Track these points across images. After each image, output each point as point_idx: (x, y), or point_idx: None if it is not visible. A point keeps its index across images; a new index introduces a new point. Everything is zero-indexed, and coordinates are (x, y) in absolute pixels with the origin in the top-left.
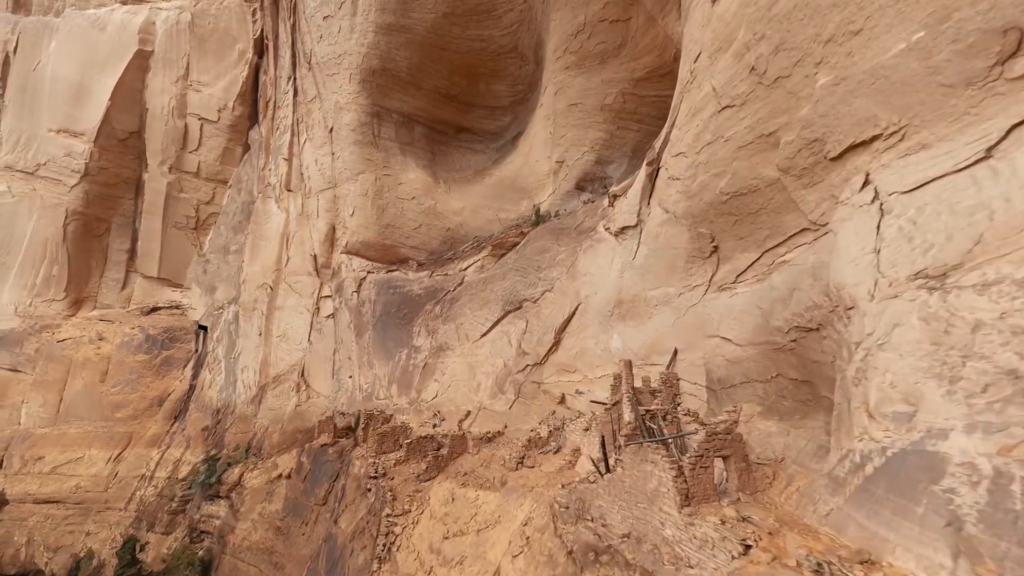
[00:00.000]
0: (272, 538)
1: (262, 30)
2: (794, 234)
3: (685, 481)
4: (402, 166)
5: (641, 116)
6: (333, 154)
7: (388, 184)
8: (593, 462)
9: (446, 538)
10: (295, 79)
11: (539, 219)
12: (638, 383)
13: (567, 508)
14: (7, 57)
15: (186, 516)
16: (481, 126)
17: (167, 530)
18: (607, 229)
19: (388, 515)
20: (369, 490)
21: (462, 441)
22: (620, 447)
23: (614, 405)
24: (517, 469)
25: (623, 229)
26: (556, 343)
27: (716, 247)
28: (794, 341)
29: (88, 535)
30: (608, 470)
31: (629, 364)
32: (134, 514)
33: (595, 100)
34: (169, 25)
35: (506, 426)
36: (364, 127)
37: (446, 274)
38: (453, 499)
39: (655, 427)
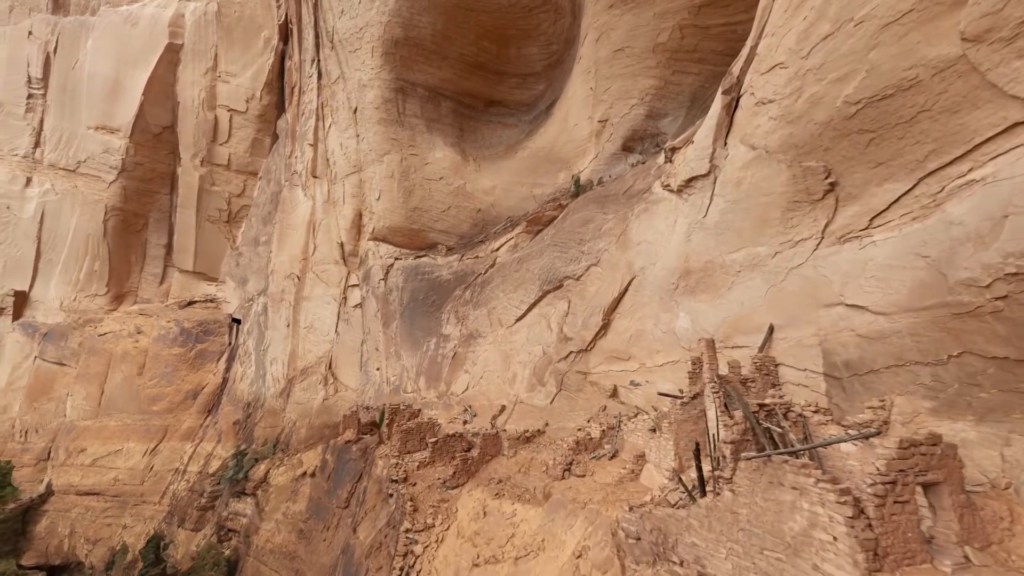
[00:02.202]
0: (295, 542)
1: (286, 14)
2: (992, 137)
3: (870, 526)
4: (429, 144)
5: (703, 54)
6: (358, 136)
7: (414, 164)
8: (677, 477)
9: (476, 565)
10: (319, 61)
11: (579, 189)
12: (723, 369)
13: (638, 540)
14: (48, 57)
15: (215, 513)
16: (512, 97)
17: (196, 527)
18: (666, 187)
19: (407, 530)
20: (391, 495)
21: (495, 441)
22: (723, 458)
23: (693, 399)
24: (563, 478)
25: (689, 181)
26: (605, 326)
27: (833, 184)
28: (1003, 299)
29: (125, 528)
30: (703, 491)
31: (711, 344)
32: (167, 509)
33: (645, 41)
34: (197, 16)
35: (547, 423)
36: (388, 104)
37: (477, 256)
38: (485, 513)
39: (779, 430)
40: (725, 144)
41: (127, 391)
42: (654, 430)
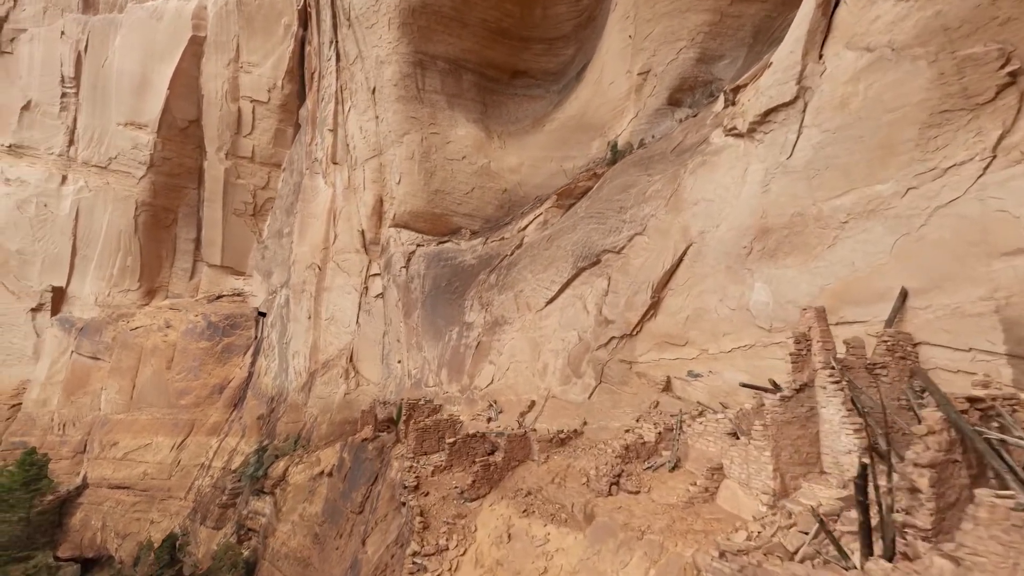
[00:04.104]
0: (309, 546)
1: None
2: None
3: None
4: (450, 122)
5: None
6: (377, 117)
7: (436, 144)
8: (818, 519)
9: None
10: (336, 42)
11: (616, 155)
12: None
13: None
14: (79, 56)
15: (236, 511)
16: (539, 65)
17: (217, 524)
18: (731, 131)
19: (415, 553)
20: (404, 503)
21: (523, 443)
22: (913, 493)
23: (799, 391)
24: (610, 493)
25: (765, 116)
26: (654, 305)
27: (1015, 73)
28: None
29: (152, 523)
30: (868, 546)
31: (822, 315)
32: (192, 505)
33: None
34: (219, 7)
35: (585, 422)
36: (407, 80)
37: (502, 238)
38: (510, 536)
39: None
40: (820, 57)
41: (156, 385)
42: (734, 434)
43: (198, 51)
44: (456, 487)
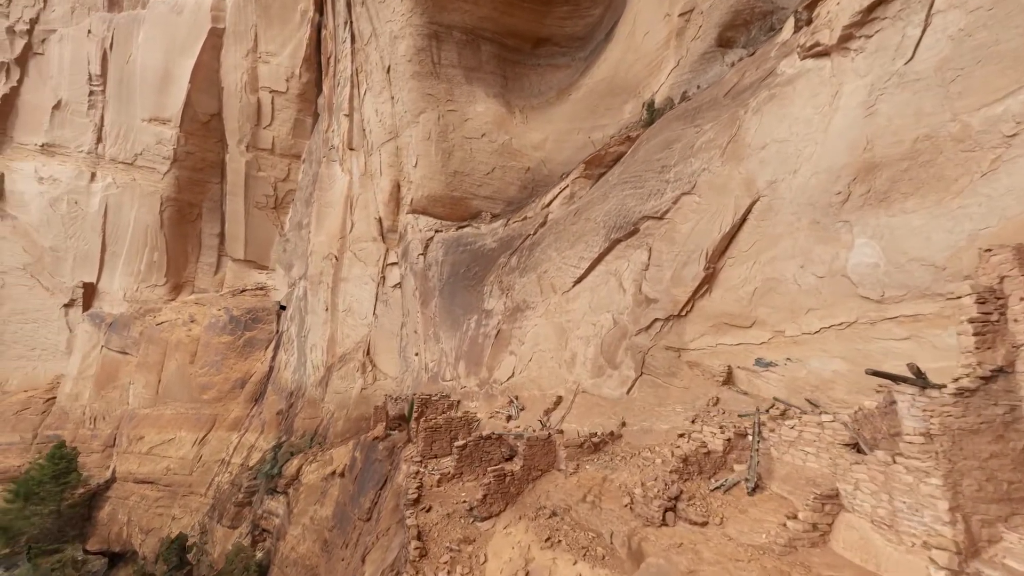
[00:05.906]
0: (317, 554)
1: None
2: None
3: None
4: (468, 97)
5: None
6: (392, 98)
7: (453, 122)
8: None
9: None
10: (351, 22)
11: (653, 116)
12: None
13: None
14: (105, 54)
15: (251, 510)
16: (564, 30)
17: (233, 524)
18: (811, 51)
19: None
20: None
21: (547, 448)
22: None
23: (988, 382)
24: (664, 522)
25: (869, 13)
26: (709, 278)
27: None
28: None
29: (174, 519)
30: None
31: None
32: (211, 502)
33: None
34: None
35: (624, 423)
36: (422, 54)
37: (524, 218)
38: (528, 573)
39: None
40: None
41: (180, 380)
42: (855, 446)
43: (217, 43)
44: (465, 501)
